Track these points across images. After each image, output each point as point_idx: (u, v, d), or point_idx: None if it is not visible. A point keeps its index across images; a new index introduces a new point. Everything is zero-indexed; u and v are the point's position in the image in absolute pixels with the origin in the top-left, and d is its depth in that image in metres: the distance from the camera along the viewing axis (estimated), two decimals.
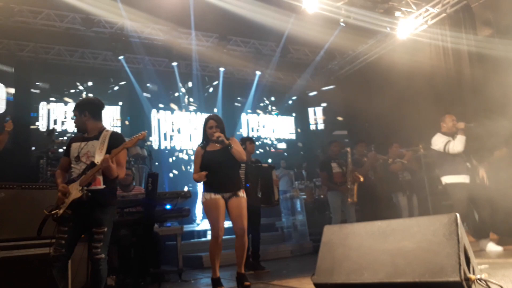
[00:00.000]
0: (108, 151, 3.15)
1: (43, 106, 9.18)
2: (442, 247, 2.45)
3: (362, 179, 6.03)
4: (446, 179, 5.23)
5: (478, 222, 5.33)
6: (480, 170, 5.24)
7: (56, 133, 7.66)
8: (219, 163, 3.91)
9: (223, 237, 3.90)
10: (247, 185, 5.10)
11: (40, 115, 9.12)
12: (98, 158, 3.11)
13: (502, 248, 4.78)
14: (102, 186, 3.13)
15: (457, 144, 5.10)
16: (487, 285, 2.47)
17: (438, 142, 5.27)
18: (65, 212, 3.03)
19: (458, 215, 2.53)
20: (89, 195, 3.03)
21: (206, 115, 4.30)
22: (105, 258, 3.03)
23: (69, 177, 3.24)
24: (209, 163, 3.92)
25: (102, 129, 3.34)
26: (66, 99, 9.35)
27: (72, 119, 3.37)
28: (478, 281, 2.42)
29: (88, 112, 3.30)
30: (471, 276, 2.36)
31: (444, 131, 5.31)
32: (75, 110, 3.35)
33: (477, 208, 5.14)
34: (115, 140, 3.24)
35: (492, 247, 4.84)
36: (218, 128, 4.00)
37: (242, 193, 3.98)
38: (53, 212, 3.06)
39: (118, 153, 3.13)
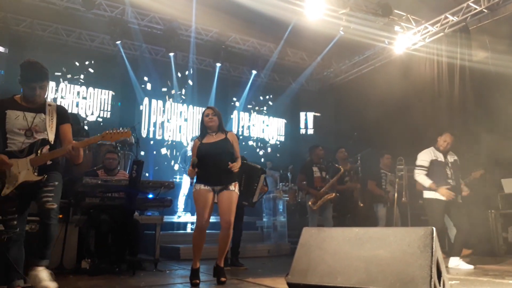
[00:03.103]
0: (56, 128, 2.94)
1: None
2: (415, 258, 2.50)
3: (333, 195, 6.15)
4: (425, 194, 5.34)
5: (451, 239, 5.41)
6: (463, 187, 5.35)
7: None
8: (213, 155, 3.92)
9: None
10: None
11: None
12: (51, 137, 2.88)
13: (473, 267, 4.86)
14: (49, 162, 2.93)
15: (420, 179, 5.26)
16: None
17: (420, 159, 5.39)
18: (11, 193, 2.75)
19: (434, 229, 2.59)
20: (47, 178, 2.84)
21: (198, 108, 4.31)
22: (57, 211, 2.78)
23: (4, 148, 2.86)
24: (203, 155, 3.93)
25: (45, 99, 3.01)
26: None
27: (39, 89, 2.87)
28: None
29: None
30: None
31: (437, 147, 5.37)
32: (44, 80, 2.90)
33: (453, 225, 5.22)
34: (62, 118, 3.01)
35: (463, 265, 4.91)
36: (215, 116, 4.05)
37: (234, 187, 3.93)
38: None
39: (90, 141, 2.97)
